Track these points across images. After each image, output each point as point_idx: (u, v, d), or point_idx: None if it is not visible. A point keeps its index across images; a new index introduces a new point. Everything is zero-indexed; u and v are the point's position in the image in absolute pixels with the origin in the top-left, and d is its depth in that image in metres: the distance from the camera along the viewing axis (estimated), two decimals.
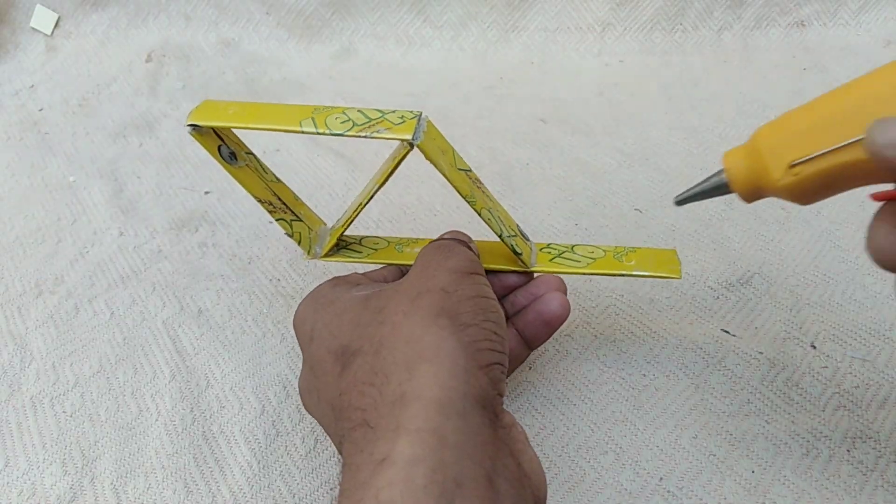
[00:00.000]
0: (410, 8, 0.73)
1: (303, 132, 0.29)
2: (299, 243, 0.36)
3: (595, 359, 0.38)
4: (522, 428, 0.26)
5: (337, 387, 0.26)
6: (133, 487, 0.34)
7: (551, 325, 0.33)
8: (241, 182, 0.33)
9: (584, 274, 0.35)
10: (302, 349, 0.31)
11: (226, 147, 0.33)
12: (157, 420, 0.36)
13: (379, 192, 0.33)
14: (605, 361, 0.38)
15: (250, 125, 0.29)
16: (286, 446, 0.35)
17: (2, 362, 0.40)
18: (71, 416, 0.37)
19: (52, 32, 0.75)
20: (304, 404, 0.32)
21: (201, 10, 0.75)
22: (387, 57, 0.72)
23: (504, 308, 0.34)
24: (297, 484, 0.33)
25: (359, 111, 0.29)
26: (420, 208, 0.50)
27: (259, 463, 0.34)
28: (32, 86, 0.70)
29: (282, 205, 0.35)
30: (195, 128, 0.30)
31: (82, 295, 0.45)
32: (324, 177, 0.55)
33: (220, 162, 0.32)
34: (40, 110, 0.66)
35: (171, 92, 0.68)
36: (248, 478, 0.33)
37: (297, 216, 0.36)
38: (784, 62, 0.68)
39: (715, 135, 0.58)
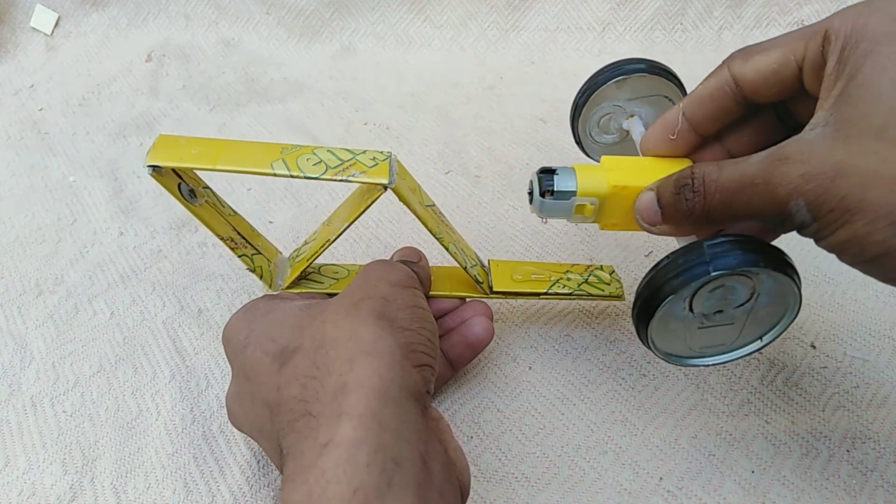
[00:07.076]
0: (410, 8, 0.72)
1: (275, 175, 0.28)
2: (261, 278, 0.35)
3: (595, 359, 0.38)
4: (447, 423, 0.28)
5: (275, 383, 0.27)
6: (133, 487, 0.34)
7: (474, 348, 0.36)
8: (202, 221, 0.32)
9: (535, 297, 0.37)
10: (231, 360, 0.31)
11: (185, 185, 0.31)
12: (157, 420, 0.37)
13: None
14: (604, 361, 0.38)
15: (219, 167, 0.27)
16: None
17: (2, 362, 0.40)
18: (71, 416, 0.37)
19: (52, 32, 0.75)
20: (231, 418, 0.32)
21: (201, 10, 0.75)
22: (387, 57, 0.72)
23: None
24: None
25: (329, 151, 0.29)
26: None
27: (259, 463, 0.34)
28: (32, 86, 0.70)
29: (242, 240, 0.35)
30: (155, 169, 0.28)
31: (82, 295, 0.45)
32: None
33: (181, 202, 0.30)
34: (40, 110, 0.66)
35: (171, 92, 0.68)
36: (248, 478, 0.34)
37: (257, 249, 0.35)
38: None
39: None
